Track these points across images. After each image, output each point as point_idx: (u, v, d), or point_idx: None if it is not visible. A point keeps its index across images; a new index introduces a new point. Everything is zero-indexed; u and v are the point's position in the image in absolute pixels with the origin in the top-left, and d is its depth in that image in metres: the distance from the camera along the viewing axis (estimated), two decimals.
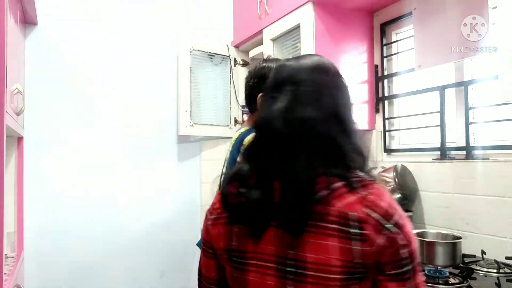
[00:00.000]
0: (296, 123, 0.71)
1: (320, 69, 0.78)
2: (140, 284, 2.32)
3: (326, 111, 0.73)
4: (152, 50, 2.39)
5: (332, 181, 0.69)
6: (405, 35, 1.94)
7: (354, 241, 0.65)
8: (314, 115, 0.71)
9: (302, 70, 0.77)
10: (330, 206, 0.67)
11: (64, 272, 2.11)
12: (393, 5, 1.90)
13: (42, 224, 2.08)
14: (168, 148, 2.45)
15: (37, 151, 2.08)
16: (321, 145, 0.71)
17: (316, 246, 0.66)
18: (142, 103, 2.36)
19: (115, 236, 2.26)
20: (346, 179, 0.69)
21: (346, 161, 0.71)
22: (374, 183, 0.70)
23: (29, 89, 1.99)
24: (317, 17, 1.85)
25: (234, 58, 2.56)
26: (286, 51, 2.08)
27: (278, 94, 0.75)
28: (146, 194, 2.36)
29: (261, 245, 0.71)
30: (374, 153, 2.02)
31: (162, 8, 2.43)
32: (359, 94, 1.97)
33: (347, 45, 1.94)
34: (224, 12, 2.61)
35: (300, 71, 0.76)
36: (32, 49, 2.08)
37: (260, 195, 0.71)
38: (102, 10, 2.26)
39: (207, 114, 2.48)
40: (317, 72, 0.77)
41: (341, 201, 0.67)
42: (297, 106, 0.72)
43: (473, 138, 1.61)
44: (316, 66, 0.78)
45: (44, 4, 2.05)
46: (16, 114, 1.48)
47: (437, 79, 1.73)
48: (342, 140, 0.72)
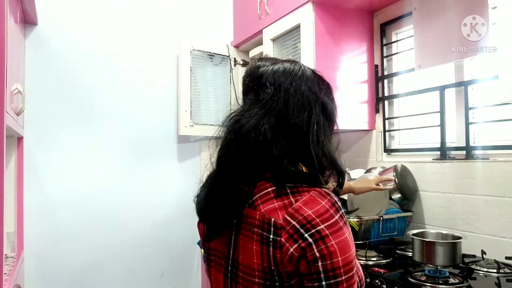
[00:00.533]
0: (235, 128, 0.72)
1: (285, 74, 0.76)
2: (140, 284, 2.32)
3: (274, 117, 0.71)
4: (152, 50, 2.39)
5: (267, 185, 0.70)
6: (405, 35, 1.94)
7: (271, 247, 0.64)
8: (252, 120, 0.71)
9: (268, 73, 0.77)
10: (256, 210, 0.68)
11: (64, 272, 2.11)
12: (393, 5, 1.90)
13: (42, 224, 2.08)
14: (168, 148, 2.44)
15: (37, 151, 2.08)
16: (256, 150, 0.70)
17: (244, 248, 0.69)
18: (142, 103, 2.35)
19: (115, 236, 2.26)
20: (278, 184, 0.68)
21: (286, 166, 0.70)
22: (311, 190, 0.67)
23: (29, 89, 1.99)
24: (317, 17, 1.85)
25: (234, 58, 2.56)
26: (286, 51, 2.08)
27: (245, 97, 0.79)
28: (146, 194, 2.35)
29: (217, 243, 0.76)
30: (374, 153, 2.02)
31: (162, 8, 2.42)
32: (359, 94, 1.97)
33: (347, 45, 1.94)
34: (224, 12, 2.61)
35: (264, 75, 0.77)
36: (32, 49, 2.08)
37: (201, 197, 0.76)
38: (102, 10, 2.26)
39: (207, 114, 2.47)
40: (280, 77, 0.75)
41: (267, 205, 0.67)
42: (246, 111, 0.73)
43: (473, 138, 1.61)
44: (282, 70, 0.77)
45: (44, 4, 2.05)
46: (16, 114, 1.49)
47: (437, 79, 1.73)
48: (286, 147, 0.70)
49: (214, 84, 2.51)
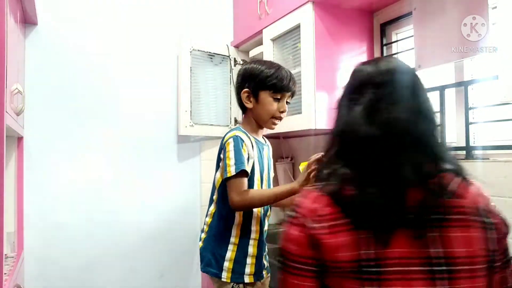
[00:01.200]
0: (388, 124, 0.70)
1: (399, 71, 0.77)
2: (140, 284, 2.32)
3: (411, 110, 0.73)
4: (152, 50, 2.39)
5: (451, 176, 0.72)
6: (405, 35, 1.93)
7: (489, 230, 0.70)
8: (403, 114, 0.71)
9: (381, 72, 0.76)
10: (463, 199, 0.70)
11: (64, 272, 2.11)
12: (393, 5, 1.90)
13: (42, 224, 2.08)
14: (168, 148, 2.44)
15: (37, 151, 2.08)
16: (420, 143, 0.72)
17: (461, 240, 0.67)
18: (142, 103, 2.36)
19: (115, 236, 2.26)
20: (458, 173, 0.73)
21: (443, 156, 0.74)
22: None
23: (29, 89, 1.99)
24: (317, 17, 1.85)
25: (234, 58, 2.56)
26: (286, 51, 2.08)
27: (359, 97, 0.74)
28: (146, 194, 2.35)
29: (396, 249, 0.65)
30: None
31: (162, 8, 2.42)
32: None
33: (347, 45, 1.94)
34: (224, 12, 2.61)
35: (379, 74, 0.76)
36: (32, 49, 2.08)
37: (388, 198, 0.67)
38: (102, 10, 2.26)
39: (207, 114, 2.47)
40: (396, 74, 0.76)
41: (468, 193, 0.71)
42: (383, 107, 0.72)
43: (473, 138, 1.60)
44: (395, 67, 0.78)
45: (44, 4, 2.05)
46: (16, 114, 1.49)
47: (437, 79, 1.73)
48: (432, 137, 0.74)
49: (214, 84, 2.51)
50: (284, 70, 1.44)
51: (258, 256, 1.42)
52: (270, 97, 1.41)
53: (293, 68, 2.01)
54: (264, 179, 1.47)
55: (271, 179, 1.53)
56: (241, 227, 1.40)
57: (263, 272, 1.45)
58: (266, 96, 1.41)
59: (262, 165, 1.45)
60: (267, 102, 1.41)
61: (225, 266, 1.38)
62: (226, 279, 1.38)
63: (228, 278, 1.38)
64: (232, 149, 1.34)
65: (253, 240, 1.41)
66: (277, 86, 1.40)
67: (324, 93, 1.86)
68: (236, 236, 1.40)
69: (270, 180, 1.52)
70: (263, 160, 1.47)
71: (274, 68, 1.43)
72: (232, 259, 1.39)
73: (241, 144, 1.35)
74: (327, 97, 1.88)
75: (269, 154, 1.54)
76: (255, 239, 1.42)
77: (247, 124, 1.49)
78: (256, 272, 1.41)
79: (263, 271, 1.45)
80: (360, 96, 0.74)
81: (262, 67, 1.43)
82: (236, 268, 1.38)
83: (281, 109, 1.42)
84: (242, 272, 1.39)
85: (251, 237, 1.41)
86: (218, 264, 1.39)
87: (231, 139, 1.37)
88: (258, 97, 1.42)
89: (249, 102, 1.44)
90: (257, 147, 1.44)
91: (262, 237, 1.44)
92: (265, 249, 1.47)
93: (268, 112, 1.42)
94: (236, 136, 1.37)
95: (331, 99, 1.89)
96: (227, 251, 1.39)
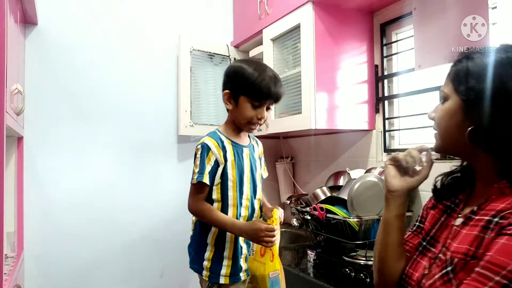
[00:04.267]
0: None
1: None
2: (140, 284, 2.32)
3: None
4: (152, 50, 2.39)
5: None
6: (405, 35, 1.94)
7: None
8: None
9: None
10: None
11: (64, 272, 2.11)
12: (393, 5, 1.90)
13: (42, 224, 2.08)
14: (168, 148, 2.44)
15: (37, 151, 2.08)
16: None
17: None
18: (142, 103, 2.35)
19: (115, 236, 2.26)
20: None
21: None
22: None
23: (29, 89, 1.99)
24: (317, 17, 1.85)
25: (234, 58, 2.56)
26: (286, 51, 2.09)
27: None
28: (146, 194, 2.35)
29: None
30: (374, 153, 2.02)
31: (162, 8, 2.42)
32: (359, 94, 1.97)
33: (347, 45, 1.94)
34: (224, 12, 2.61)
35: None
36: (32, 49, 2.08)
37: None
38: (102, 10, 2.26)
39: (207, 114, 2.48)
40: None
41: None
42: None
43: None
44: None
45: (44, 4, 2.05)
46: (16, 114, 1.49)
47: (437, 79, 1.73)
48: None
49: (214, 84, 2.51)
50: (268, 76, 1.36)
51: (234, 259, 1.41)
52: (248, 103, 1.37)
53: (293, 68, 2.01)
54: (246, 181, 1.44)
55: (257, 179, 1.49)
56: (218, 230, 1.40)
57: (241, 275, 1.42)
58: (244, 101, 1.37)
59: (242, 167, 1.43)
60: (245, 108, 1.37)
61: (204, 265, 1.41)
62: (205, 278, 1.40)
63: (206, 276, 1.40)
64: (198, 157, 1.38)
65: (229, 243, 1.41)
66: (256, 94, 1.36)
67: (324, 93, 1.86)
68: (213, 238, 1.41)
69: (256, 181, 1.48)
70: (243, 162, 1.43)
71: (258, 72, 1.35)
72: (210, 259, 1.40)
73: (206, 153, 1.36)
74: (327, 97, 1.88)
75: (253, 154, 1.50)
76: (231, 241, 1.41)
77: (228, 125, 1.47)
78: (231, 274, 1.40)
79: (240, 273, 1.42)
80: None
81: (246, 70, 1.37)
82: (213, 268, 1.39)
83: (258, 116, 1.38)
84: (218, 272, 1.39)
85: (227, 240, 1.40)
86: (200, 261, 1.42)
87: (200, 146, 1.39)
88: (238, 101, 1.39)
89: (229, 104, 1.41)
90: (234, 150, 1.42)
91: (238, 240, 1.42)
92: (242, 252, 1.44)
93: (244, 117, 1.39)
94: (204, 144, 1.38)
95: (331, 99, 1.90)
96: (205, 250, 1.42)
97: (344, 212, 1.69)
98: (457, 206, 0.88)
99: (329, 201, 1.84)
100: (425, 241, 0.90)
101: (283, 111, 2.11)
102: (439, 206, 0.93)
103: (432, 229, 0.91)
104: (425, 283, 0.80)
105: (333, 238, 1.74)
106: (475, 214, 0.79)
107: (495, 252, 0.67)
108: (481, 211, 0.77)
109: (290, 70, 2.04)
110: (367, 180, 1.66)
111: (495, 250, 0.67)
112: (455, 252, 0.76)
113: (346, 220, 1.65)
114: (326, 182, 2.11)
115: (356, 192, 1.63)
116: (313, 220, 1.85)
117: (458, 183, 0.91)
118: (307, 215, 1.86)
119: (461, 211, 0.85)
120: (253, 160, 1.48)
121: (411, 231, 0.99)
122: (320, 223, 1.81)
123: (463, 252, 0.74)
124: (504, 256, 0.65)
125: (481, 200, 0.80)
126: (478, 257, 0.70)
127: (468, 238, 0.75)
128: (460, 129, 0.78)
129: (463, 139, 0.77)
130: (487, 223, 0.73)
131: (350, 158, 2.14)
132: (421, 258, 0.88)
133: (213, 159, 1.37)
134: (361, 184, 1.65)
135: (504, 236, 0.67)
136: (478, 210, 0.78)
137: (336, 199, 1.80)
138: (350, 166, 2.00)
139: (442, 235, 0.86)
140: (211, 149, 1.37)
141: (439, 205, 0.93)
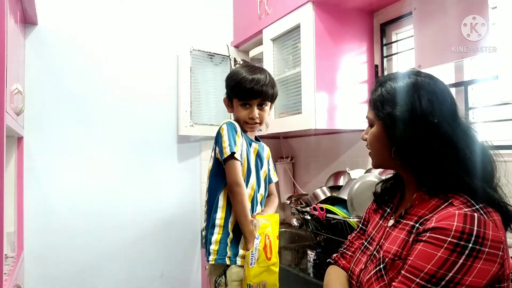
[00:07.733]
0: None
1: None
2: (140, 284, 2.32)
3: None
4: (152, 50, 2.39)
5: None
6: (405, 35, 1.94)
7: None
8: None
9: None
10: None
11: (64, 272, 2.11)
12: (393, 5, 1.90)
13: (42, 224, 2.08)
14: (168, 148, 2.45)
15: (37, 151, 2.08)
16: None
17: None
18: (142, 103, 2.36)
19: (115, 236, 2.26)
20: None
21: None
22: None
23: (29, 89, 1.99)
24: (317, 17, 1.85)
25: (234, 58, 2.56)
26: (286, 51, 2.09)
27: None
28: (146, 194, 2.36)
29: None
30: None
31: (162, 8, 2.43)
32: (359, 94, 1.97)
33: (347, 45, 1.94)
34: (224, 12, 2.61)
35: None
36: (32, 49, 2.08)
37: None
38: (102, 10, 2.26)
39: (207, 114, 2.48)
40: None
41: None
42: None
43: None
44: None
45: (44, 4, 2.05)
46: (16, 114, 1.49)
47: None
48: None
49: (214, 84, 2.51)
50: (256, 77, 1.42)
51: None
52: (238, 105, 1.47)
53: (293, 68, 2.01)
54: (253, 171, 1.47)
55: (261, 176, 1.52)
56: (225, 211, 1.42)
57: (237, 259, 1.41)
58: (236, 103, 1.48)
59: (249, 158, 1.47)
60: (237, 109, 1.48)
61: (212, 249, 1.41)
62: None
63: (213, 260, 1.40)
64: (226, 133, 1.40)
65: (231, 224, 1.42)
66: (241, 93, 1.44)
67: (324, 93, 1.86)
68: (221, 218, 1.42)
69: (260, 177, 1.51)
70: (250, 154, 1.48)
71: (246, 74, 1.44)
72: (218, 241, 1.41)
73: (234, 130, 1.42)
74: (327, 97, 1.88)
75: (261, 152, 1.53)
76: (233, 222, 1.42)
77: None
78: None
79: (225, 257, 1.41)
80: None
81: (236, 74, 1.47)
82: (220, 250, 1.40)
83: (250, 116, 1.45)
84: (225, 254, 1.40)
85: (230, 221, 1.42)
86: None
87: (225, 125, 1.43)
88: (232, 103, 1.50)
89: (229, 107, 1.53)
90: (246, 140, 1.47)
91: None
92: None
93: (239, 118, 1.48)
94: (230, 123, 1.44)
95: (331, 99, 1.90)
96: (213, 233, 1.42)
97: (344, 212, 1.69)
98: (391, 210, 0.99)
99: (329, 201, 1.84)
100: (366, 241, 1.02)
101: (283, 111, 2.11)
102: (379, 210, 1.05)
103: (372, 230, 1.02)
104: (363, 278, 0.91)
105: (333, 238, 1.74)
106: (402, 218, 0.90)
107: (415, 257, 0.77)
108: (407, 215, 0.89)
109: (290, 70, 2.04)
110: (367, 180, 1.66)
111: (414, 255, 0.77)
112: (386, 252, 0.87)
113: (346, 220, 1.65)
114: (326, 182, 2.11)
115: (356, 192, 1.63)
116: (313, 220, 1.85)
117: (393, 189, 1.03)
118: (307, 215, 1.86)
119: (393, 214, 0.97)
120: (259, 157, 1.52)
121: (355, 233, 1.12)
122: (320, 223, 1.81)
123: (393, 253, 0.84)
124: (421, 261, 0.75)
125: (408, 205, 0.91)
126: (403, 258, 0.81)
127: (396, 239, 0.86)
128: (387, 149, 0.90)
129: (391, 156, 0.89)
130: (411, 228, 0.84)
131: (350, 158, 2.14)
132: (362, 256, 1.00)
133: (240, 136, 1.43)
134: (361, 184, 1.64)
135: (420, 243, 0.77)
136: (405, 214, 0.90)
137: (336, 199, 1.80)
138: (350, 166, 2.00)
139: (378, 235, 0.98)
140: (237, 129, 1.43)
141: (380, 210, 1.05)
